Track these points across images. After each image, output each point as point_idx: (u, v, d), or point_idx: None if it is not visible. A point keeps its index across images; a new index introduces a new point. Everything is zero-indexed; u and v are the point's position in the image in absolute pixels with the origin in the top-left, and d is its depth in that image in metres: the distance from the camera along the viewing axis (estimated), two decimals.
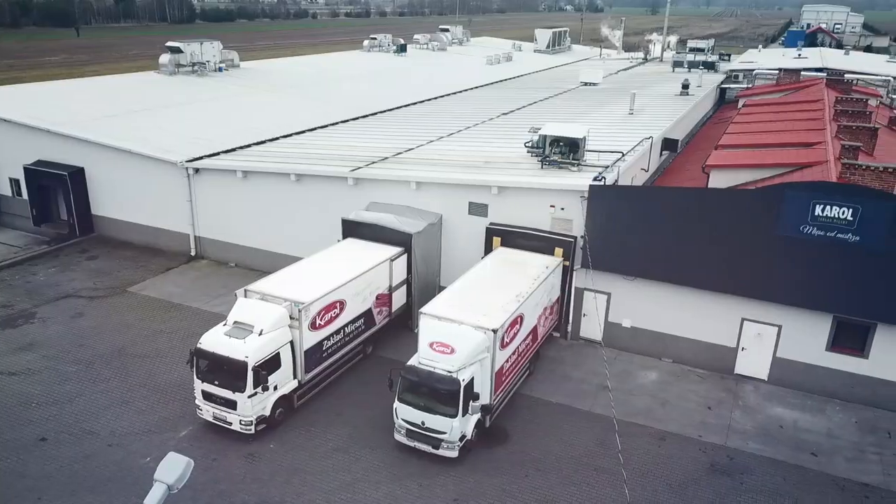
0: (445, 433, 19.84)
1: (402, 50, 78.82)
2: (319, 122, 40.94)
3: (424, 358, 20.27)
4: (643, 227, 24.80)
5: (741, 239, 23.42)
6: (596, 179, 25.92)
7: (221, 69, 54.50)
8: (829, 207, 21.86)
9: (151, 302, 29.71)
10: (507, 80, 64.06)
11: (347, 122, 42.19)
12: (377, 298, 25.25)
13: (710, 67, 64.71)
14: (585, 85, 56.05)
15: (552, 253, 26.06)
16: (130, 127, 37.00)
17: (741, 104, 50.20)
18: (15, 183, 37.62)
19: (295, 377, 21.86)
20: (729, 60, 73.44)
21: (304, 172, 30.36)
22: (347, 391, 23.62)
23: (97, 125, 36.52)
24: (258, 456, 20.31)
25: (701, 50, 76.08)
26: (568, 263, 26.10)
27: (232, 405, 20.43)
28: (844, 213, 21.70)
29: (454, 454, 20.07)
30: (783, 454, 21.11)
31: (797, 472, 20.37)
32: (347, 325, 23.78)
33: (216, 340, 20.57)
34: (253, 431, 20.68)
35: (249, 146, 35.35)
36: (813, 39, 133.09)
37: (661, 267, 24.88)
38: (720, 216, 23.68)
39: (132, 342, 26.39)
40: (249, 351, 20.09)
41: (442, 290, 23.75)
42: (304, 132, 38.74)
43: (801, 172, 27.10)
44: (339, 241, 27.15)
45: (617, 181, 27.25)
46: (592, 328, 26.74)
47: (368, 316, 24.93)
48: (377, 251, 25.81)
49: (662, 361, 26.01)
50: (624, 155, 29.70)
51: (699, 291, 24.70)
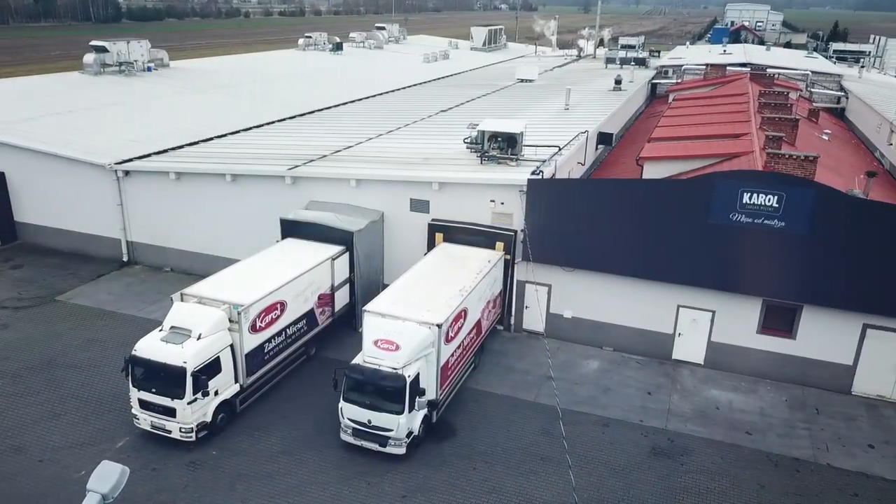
0: (392, 430, 19.76)
1: (338, 48, 78.02)
2: (255, 121, 40.13)
3: (369, 356, 20.15)
4: (581, 219, 25.28)
5: (675, 228, 24.14)
6: (534, 173, 26.26)
7: (150, 69, 52.81)
8: (756, 195, 22.75)
9: (82, 310, 28.53)
10: (444, 77, 64.20)
11: (284, 121, 41.50)
12: (319, 298, 24.93)
13: (641, 64, 66.43)
14: (522, 82, 56.66)
15: (494, 247, 26.28)
16: (54, 129, 35.47)
17: (671, 98, 51.71)
18: None
19: (236, 381, 21.37)
20: (659, 57, 75.54)
21: (239, 172, 29.71)
22: (291, 393, 23.24)
23: (18, 128, 34.86)
24: (200, 463, 19.77)
25: (632, 47, 78.04)
26: (509, 257, 26.39)
27: (171, 413, 19.81)
28: (770, 200, 22.62)
29: (402, 451, 20.01)
30: (720, 434, 21.87)
31: (733, 450, 21.14)
32: (289, 326, 23.39)
33: (152, 347, 19.92)
34: (194, 439, 20.13)
35: (182, 147, 34.36)
36: (737, 36, 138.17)
37: (599, 257, 25.41)
38: (654, 206, 24.34)
39: (62, 353, 25.30)
40: (188, 356, 19.53)
41: (385, 287, 23.64)
42: (239, 132, 37.91)
43: (729, 162, 28.11)
44: (278, 241, 26.68)
45: (554, 175, 27.67)
46: (535, 320, 27.09)
47: (311, 316, 24.58)
48: (318, 250, 25.47)
49: (603, 350, 26.57)
50: (561, 149, 30.18)
51: (636, 280, 25.34)
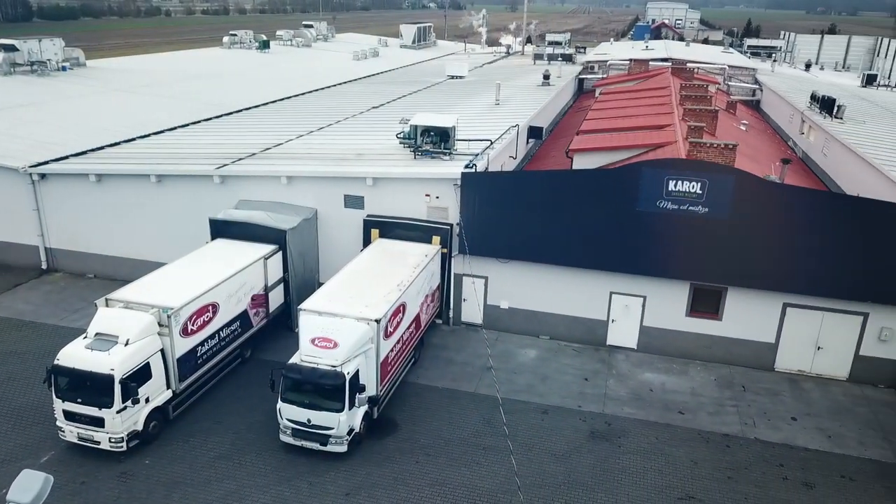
0: (333, 428, 19.52)
1: (264, 46, 76.50)
2: (180, 121, 38.85)
3: (307, 354, 19.84)
4: (514, 210, 25.58)
5: (605, 217, 24.73)
6: (467, 167, 26.42)
7: (65, 68, 50.49)
8: (680, 182, 23.54)
9: None
10: (375, 74, 63.81)
11: (211, 120, 40.33)
12: (253, 299, 24.37)
13: (568, 59, 67.76)
14: (452, 78, 56.90)
15: (430, 241, 26.30)
16: None
17: (598, 93, 52.99)
18: None
19: (169, 387, 20.66)
20: (585, 53, 77.26)
21: (165, 173, 28.73)
22: (227, 397, 22.65)
23: None
24: (133, 474, 19.02)
25: (559, 43, 79.47)
26: (446, 251, 26.46)
27: (99, 423, 18.98)
28: (694, 186, 23.45)
29: (343, 449, 19.79)
30: (654, 415, 22.56)
31: (667, 430, 21.84)
32: (222, 328, 22.78)
33: (76, 355, 19.03)
34: (125, 448, 19.35)
35: (103, 148, 32.92)
36: (658, 33, 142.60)
37: (533, 248, 25.78)
38: (585, 196, 24.87)
39: None
40: (115, 363, 18.75)
41: (321, 286, 23.32)
42: (163, 132, 36.59)
43: (654, 152, 28.99)
44: (208, 242, 25.93)
45: (487, 168, 27.90)
46: (473, 312, 27.28)
47: (244, 318, 24.01)
48: (250, 250, 24.88)
49: (540, 339, 26.99)
50: (493, 143, 30.46)
51: (570, 269, 25.84)
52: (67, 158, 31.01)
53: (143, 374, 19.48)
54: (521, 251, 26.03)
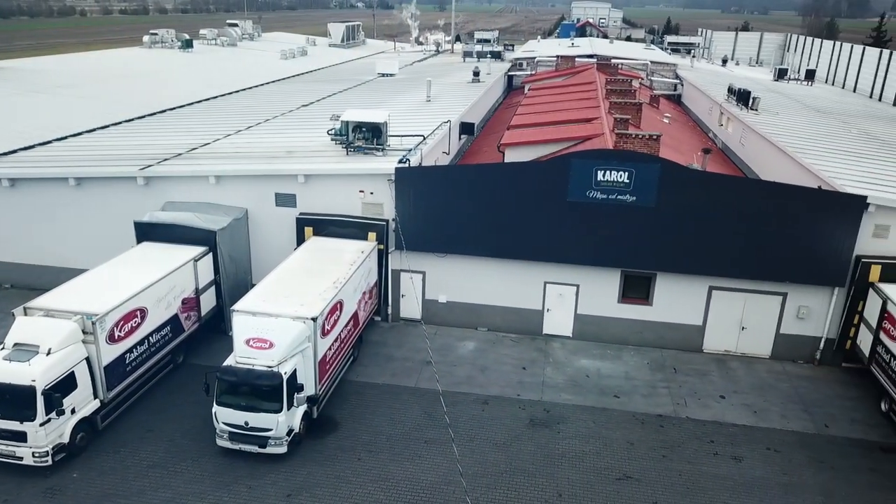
0: (272, 430, 19.17)
1: (188, 46, 74.27)
2: (100, 122, 37.27)
3: (241, 356, 19.42)
4: (450, 205, 25.71)
5: (537, 208, 25.14)
6: (401, 162, 26.37)
7: None
8: (608, 172, 24.16)
9: None
10: (304, 73, 62.89)
11: (133, 121, 38.85)
12: (183, 303, 23.65)
13: (496, 57, 68.39)
14: (383, 76, 56.67)
15: (366, 238, 26.13)
16: None
17: (527, 89, 53.77)
18: None
19: (96, 396, 19.85)
20: (513, 50, 78.23)
21: (84, 175, 27.53)
22: (160, 405, 21.93)
23: None
24: (60, 489, 18.17)
25: (487, 41, 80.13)
26: (382, 247, 26.34)
27: (20, 437, 18.08)
28: (622, 176, 24.11)
29: (283, 450, 19.45)
30: (591, 400, 23.09)
31: (604, 414, 22.39)
32: (152, 334, 22.02)
33: None
34: (50, 462, 18.47)
35: (15, 152, 31.23)
36: (583, 31, 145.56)
37: (468, 241, 25.97)
38: (517, 189, 25.20)
39: None
40: (36, 373, 17.88)
41: (255, 286, 22.82)
42: (82, 133, 35.06)
43: (583, 144, 29.65)
44: (133, 246, 25.00)
45: (421, 163, 27.92)
46: (411, 307, 27.26)
47: (175, 322, 23.28)
48: (178, 253, 24.14)
49: (478, 331, 27.22)
50: (425, 138, 30.51)
51: (505, 261, 26.16)
52: None
53: (67, 384, 18.64)
54: (457, 245, 26.18)
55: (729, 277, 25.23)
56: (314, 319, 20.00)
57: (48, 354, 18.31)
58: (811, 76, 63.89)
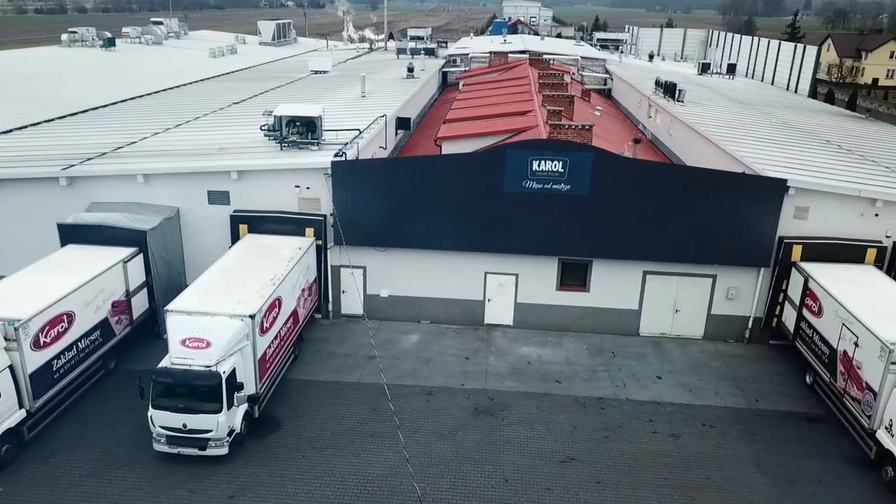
0: (212, 431, 18.67)
1: (110, 44, 71.46)
2: (16, 123, 35.43)
3: (177, 357, 18.84)
4: (388, 198, 25.60)
5: (475, 199, 25.31)
6: (337, 156, 26.09)
7: None
8: (543, 162, 24.54)
9: None
10: (234, 71, 61.43)
11: (53, 121, 37.11)
12: (114, 306, 22.78)
13: (430, 53, 68.50)
14: (316, 73, 55.94)
15: (304, 234, 25.74)
16: None
17: (462, 84, 54.01)
18: None
19: (21, 406, 18.88)
20: (447, 47, 78.53)
21: (2, 177, 26.12)
22: (92, 412, 21.06)
23: None
24: None
25: (421, 38, 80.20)
26: (321, 242, 26.00)
27: None
28: (556, 165, 24.53)
29: (224, 451, 18.98)
30: (534, 387, 23.42)
31: (547, 399, 22.75)
32: (81, 339, 21.11)
33: None
34: None
35: None
36: (514, 30, 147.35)
37: (408, 235, 25.93)
38: (455, 180, 25.31)
39: None
40: None
41: (189, 286, 22.16)
42: None
43: (518, 136, 29.99)
44: (58, 250, 23.90)
45: (358, 157, 27.69)
46: (353, 303, 27.01)
47: (105, 326, 22.39)
48: (107, 255, 23.22)
49: (421, 324, 27.23)
50: (361, 132, 30.27)
51: (445, 253, 26.24)
52: None
53: None
54: (397, 238, 26.10)
55: (662, 262, 25.99)
56: (252, 317, 19.58)
57: None
58: (732, 70, 66.65)
